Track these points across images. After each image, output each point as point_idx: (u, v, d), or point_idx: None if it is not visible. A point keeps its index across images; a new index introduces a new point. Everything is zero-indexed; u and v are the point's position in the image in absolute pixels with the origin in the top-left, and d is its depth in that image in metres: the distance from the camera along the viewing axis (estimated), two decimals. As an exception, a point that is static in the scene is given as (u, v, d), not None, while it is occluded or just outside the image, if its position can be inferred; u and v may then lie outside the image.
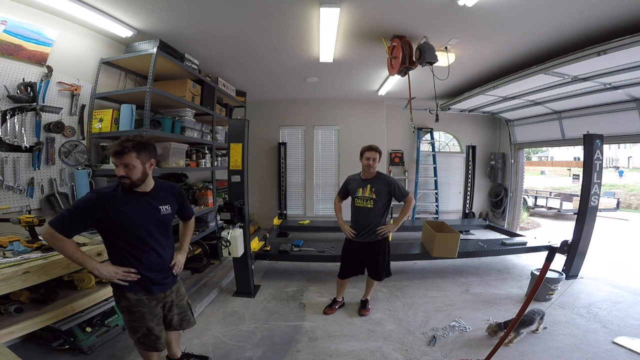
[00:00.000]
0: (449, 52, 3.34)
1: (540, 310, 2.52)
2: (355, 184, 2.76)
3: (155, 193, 1.70)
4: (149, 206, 1.65)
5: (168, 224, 1.77)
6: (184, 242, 2.00)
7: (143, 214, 1.62)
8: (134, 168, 1.55)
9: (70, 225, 1.50)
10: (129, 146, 1.52)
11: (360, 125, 6.26)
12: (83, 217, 1.52)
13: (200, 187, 4.14)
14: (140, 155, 1.56)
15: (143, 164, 1.58)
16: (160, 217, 1.69)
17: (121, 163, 1.53)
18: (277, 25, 2.92)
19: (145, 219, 1.63)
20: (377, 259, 2.78)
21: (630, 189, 14.15)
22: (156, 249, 1.68)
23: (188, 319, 1.93)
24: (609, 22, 2.64)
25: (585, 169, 3.68)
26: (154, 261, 1.68)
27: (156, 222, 1.68)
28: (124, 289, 1.62)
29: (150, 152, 1.62)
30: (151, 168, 1.64)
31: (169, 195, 1.77)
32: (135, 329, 1.67)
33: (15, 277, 1.66)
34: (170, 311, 1.83)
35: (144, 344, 1.70)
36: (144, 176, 1.61)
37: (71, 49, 2.70)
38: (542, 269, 1.81)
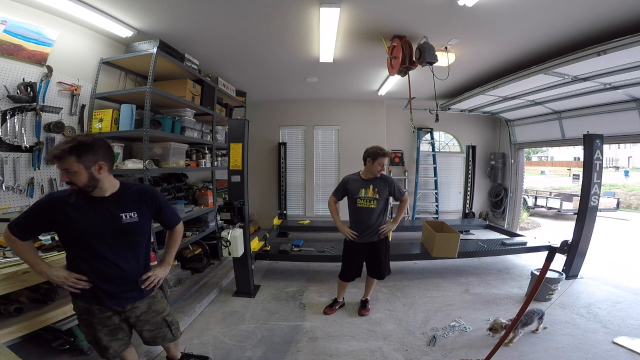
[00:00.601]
0: (449, 52, 3.34)
1: (539, 310, 2.52)
2: (357, 185, 2.72)
3: (117, 198, 1.51)
4: (106, 213, 1.47)
5: (135, 234, 1.56)
6: (167, 254, 1.79)
7: (97, 222, 1.45)
8: (75, 173, 1.37)
9: (24, 228, 1.44)
10: (66, 149, 1.34)
11: (360, 125, 6.26)
12: (34, 221, 1.44)
13: (200, 187, 4.14)
14: (82, 159, 1.36)
15: (87, 169, 1.38)
16: (122, 225, 1.50)
17: (61, 168, 1.38)
18: (277, 25, 2.92)
19: (100, 228, 1.46)
20: (380, 258, 2.80)
21: (630, 189, 14.15)
22: (114, 261, 1.50)
23: (163, 336, 1.77)
24: (609, 22, 2.64)
25: (585, 169, 3.68)
26: (111, 273, 1.50)
27: (116, 231, 1.49)
28: (74, 296, 1.53)
29: (96, 154, 1.40)
30: (101, 172, 1.43)
31: (136, 201, 1.57)
32: (85, 334, 1.62)
33: (15, 277, 1.66)
34: (137, 326, 1.68)
35: (93, 348, 1.65)
36: (92, 181, 1.41)
37: (71, 49, 2.70)
38: (542, 269, 1.81)
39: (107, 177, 1.47)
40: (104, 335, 1.58)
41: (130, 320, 1.64)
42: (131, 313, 1.62)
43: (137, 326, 1.68)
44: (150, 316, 1.69)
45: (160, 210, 1.68)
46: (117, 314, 1.60)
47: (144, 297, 1.65)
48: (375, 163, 2.63)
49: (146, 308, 1.66)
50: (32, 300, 2.01)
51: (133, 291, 1.60)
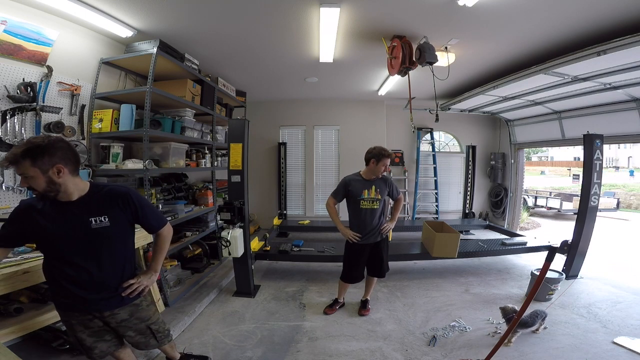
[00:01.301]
0: (449, 52, 3.34)
1: (542, 312, 2.52)
2: (359, 185, 2.69)
3: (85, 202, 1.43)
4: (73, 218, 1.40)
5: (108, 238, 1.48)
6: (153, 261, 1.70)
7: (65, 227, 1.38)
8: (32, 178, 1.29)
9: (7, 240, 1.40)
10: (18, 154, 1.26)
11: (360, 125, 6.26)
12: (8, 230, 1.39)
13: (200, 187, 4.14)
14: (37, 163, 1.27)
15: (44, 173, 1.29)
16: (91, 230, 1.41)
17: (18, 173, 1.31)
18: (277, 25, 2.92)
19: (68, 233, 1.39)
20: (382, 257, 2.82)
21: (630, 189, 14.16)
22: (84, 267, 1.43)
23: (146, 343, 1.71)
24: (609, 22, 2.64)
25: (585, 169, 3.68)
26: (82, 279, 1.44)
27: (85, 236, 1.41)
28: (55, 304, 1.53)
29: (52, 157, 1.30)
30: (61, 175, 1.33)
31: (107, 204, 1.47)
32: (69, 334, 1.59)
33: (15, 277, 1.66)
34: (119, 331, 1.62)
35: (78, 349, 1.64)
36: (52, 186, 1.33)
37: (71, 49, 2.70)
38: (542, 269, 1.81)
39: (70, 180, 1.38)
40: (87, 337, 1.55)
41: (111, 325, 1.59)
42: (110, 319, 1.56)
43: (119, 331, 1.62)
44: (132, 323, 1.62)
45: (137, 213, 1.56)
46: (97, 318, 1.55)
47: (124, 304, 1.57)
48: (379, 164, 2.62)
49: (127, 315, 1.60)
50: (32, 300, 2.01)
51: (111, 298, 1.53)
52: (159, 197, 3.30)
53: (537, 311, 2.51)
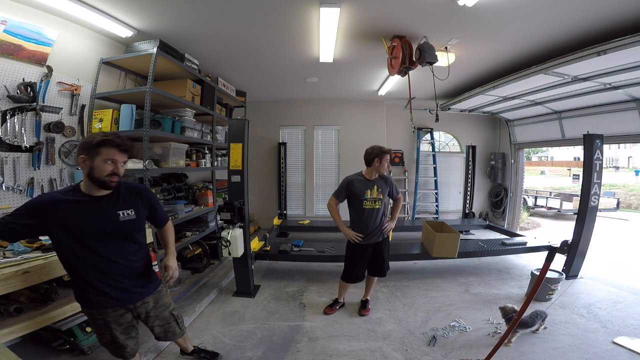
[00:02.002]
0: (449, 52, 3.34)
1: (542, 312, 2.52)
2: (362, 185, 2.69)
3: (111, 196, 1.50)
4: (103, 211, 1.45)
5: (133, 231, 1.55)
6: (170, 245, 1.84)
7: (95, 221, 1.42)
8: (123, 165, 1.46)
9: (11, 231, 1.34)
10: (129, 143, 1.45)
11: (360, 125, 6.26)
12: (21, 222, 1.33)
13: (200, 187, 4.14)
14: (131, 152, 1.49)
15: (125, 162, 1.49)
16: (119, 223, 1.48)
17: (121, 160, 1.44)
18: (277, 25, 2.92)
19: (98, 226, 1.43)
20: (384, 256, 2.83)
21: (630, 189, 14.15)
22: (115, 259, 1.49)
23: (173, 330, 1.81)
24: (609, 22, 2.64)
25: (585, 169, 3.68)
26: (114, 271, 1.50)
27: (115, 229, 1.47)
28: (84, 304, 1.53)
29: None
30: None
31: (133, 199, 1.57)
32: (100, 336, 1.60)
33: (15, 277, 1.66)
34: (148, 322, 1.70)
35: (110, 350, 1.64)
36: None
37: (71, 49, 2.70)
38: (542, 269, 1.81)
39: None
40: (120, 334, 1.58)
41: (141, 317, 1.66)
42: (142, 309, 1.64)
43: (149, 322, 1.70)
44: (158, 311, 1.72)
45: (152, 208, 1.69)
46: (129, 312, 1.61)
47: (151, 292, 1.67)
48: (382, 161, 2.65)
49: (154, 303, 1.69)
50: (32, 300, 2.01)
51: (141, 287, 1.62)
52: (159, 197, 3.30)
53: (537, 311, 2.51)
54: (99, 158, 1.39)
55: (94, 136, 1.42)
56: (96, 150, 1.39)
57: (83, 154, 1.40)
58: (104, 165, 1.40)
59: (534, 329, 2.49)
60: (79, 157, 1.41)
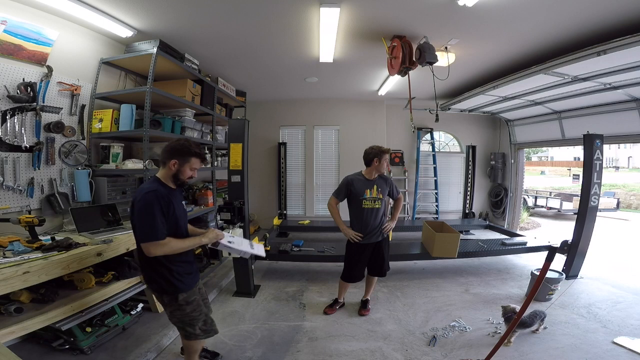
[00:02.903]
0: (449, 52, 3.34)
1: (542, 312, 2.52)
2: (361, 185, 2.70)
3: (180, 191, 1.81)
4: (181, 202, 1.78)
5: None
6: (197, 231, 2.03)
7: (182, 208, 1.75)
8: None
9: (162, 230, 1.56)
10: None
11: (360, 125, 6.26)
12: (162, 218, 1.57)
13: (200, 187, 4.14)
14: None
15: None
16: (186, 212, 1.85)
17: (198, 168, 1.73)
18: (277, 25, 2.92)
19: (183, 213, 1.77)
20: (384, 256, 2.83)
21: (630, 189, 14.14)
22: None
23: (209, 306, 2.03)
24: (609, 22, 2.64)
25: (585, 169, 3.68)
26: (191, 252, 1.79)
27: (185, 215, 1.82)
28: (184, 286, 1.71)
29: None
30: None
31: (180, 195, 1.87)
32: (196, 319, 1.76)
33: (15, 277, 1.66)
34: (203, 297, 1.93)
35: (207, 331, 1.81)
36: None
37: (71, 49, 2.70)
38: (542, 269, 1.81)
39: None
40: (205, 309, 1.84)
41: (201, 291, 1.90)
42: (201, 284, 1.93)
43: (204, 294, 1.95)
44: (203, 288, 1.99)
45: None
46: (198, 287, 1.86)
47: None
48: (382, 160, 2.67)
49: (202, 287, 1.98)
50: (32, 300, 2.01)
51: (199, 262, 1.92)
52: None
53: (536, 311, 2.51)
54: (188, 165, 1.68)
55: (188, 146, 1.67)
56: (188, 158, 1.67)
57: (176, 159, 1.65)
58: (189, 171, 1.69)
59: (533, 328, 2.49)
60: (171, 161, 1.65)
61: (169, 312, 1.76)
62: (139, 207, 1.55)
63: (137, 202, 1.57)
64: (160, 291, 1.72)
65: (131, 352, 2.18)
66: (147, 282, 1.80)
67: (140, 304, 2.63)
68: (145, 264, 1.66)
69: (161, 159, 1.70)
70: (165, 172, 1.69)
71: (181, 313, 1.73)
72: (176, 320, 1.77)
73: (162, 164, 1.70)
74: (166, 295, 1.70)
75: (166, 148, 1.70)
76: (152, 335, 2.40)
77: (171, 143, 1.71)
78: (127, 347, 2.24)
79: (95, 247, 2.13)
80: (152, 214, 1.53)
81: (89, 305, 2.18)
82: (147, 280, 1.76)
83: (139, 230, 1.56)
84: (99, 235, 2.37)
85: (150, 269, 1.67)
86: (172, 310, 1.73)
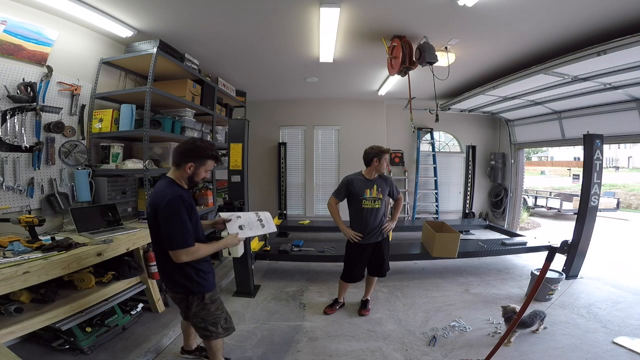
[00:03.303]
0: (449, 52, 3.34)
1: (542, 312, 2.52)
2: (361, 185, 2.70)
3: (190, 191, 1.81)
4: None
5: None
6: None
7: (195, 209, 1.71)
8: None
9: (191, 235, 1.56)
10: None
11: (360, 125, 6.26)
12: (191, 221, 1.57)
13: (200, 187, 4.14)
14: None
15: None
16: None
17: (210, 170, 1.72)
18: (277, 25, 2.92)
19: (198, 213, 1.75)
20: (384, 256, 2.83)
21: (630, 189, 14.14)
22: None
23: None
24: (609, 22, 2.64)
25: (585, 169, 3.68)
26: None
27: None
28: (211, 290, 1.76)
29: None
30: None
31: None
32: (219, 317, 1.78)
33: (15, 277, 1.66)
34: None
35: (227, 329, 1.83)
36: None
37: (71, 49, 2.70)
38: (542, 269, 1.81)
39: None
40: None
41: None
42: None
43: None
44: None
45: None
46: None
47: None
48: (382, 160, 2.67)
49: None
50: (32, 300, 2.01)
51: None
52: (159, 197, 3.29)
53: (536, 311, 2.51)
54: (203, 168, 1.67)
55: (204, 148, 1.65)
56: (204, 161, 1.65)
57: (192, 162, 1.62)
58: (204, 173, 1.68)
59: (533, 328, 2.49)
60: (187, 164, 1.62)
61: (192, 313, 1.73)
62: (165, 213, 1.51)
63: (162, 208, 1.52)
64: (187, 293, 1.69)
65: (131, 352, 2.18)
66: (171, 288, 1.75)
67: (140, 304, 2.63)
68: (171, 268, 1.62)
69: (175, 160, 1.66)
70: (179, 174, 1.65)
71: (206, 312, 1.72)
72: (199, 320, 1.74)
73: (176, 166, 1.65)
74: (193, 297, 1.69)
75: (181, 149, 1.65)
76: (152, 335, 2.40)
77: (186, 144, 1.66)
78: (127, 347, 2.24)
79: (95, 247, 2.13)
80: (180, 221, 1.51)
81: (89, 305, 2.18)
82: (173, 285, 1.71)
83: (168, 238, 1.52)
84: (99, 235, 2.37)
85: (178, 272, 1.63)
86: (197, 311, 1.72)
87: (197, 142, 1.67)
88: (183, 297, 1.72)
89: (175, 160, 1.66)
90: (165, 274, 1.71)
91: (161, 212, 1.52)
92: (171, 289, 1.76)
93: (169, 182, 1.64)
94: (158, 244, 1.62)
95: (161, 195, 1.56)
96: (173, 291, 1.76)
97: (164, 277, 1.75)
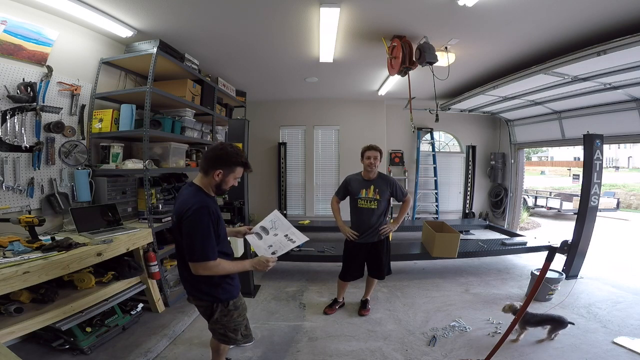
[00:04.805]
0: (449, 52, 3.34)
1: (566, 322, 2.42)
2: (357, 185, 2.72)
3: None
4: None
5: None
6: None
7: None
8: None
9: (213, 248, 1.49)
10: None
11: (360, 125, 6.25)
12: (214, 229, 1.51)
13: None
14: None
15: None
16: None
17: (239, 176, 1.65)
18: (277, 25, 2.92)
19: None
20: (381, 258, 2.80)
21: (630, 189, 14.14)
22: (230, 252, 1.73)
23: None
24: (609, 22, 2.64)
25: (585, 169, 3.68)
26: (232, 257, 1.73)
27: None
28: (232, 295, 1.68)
29: None
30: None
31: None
32: (240, 324, 1.73)
33: (15, 277, 1.66)
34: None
35: (247, 336, 1.78)
36: None
37: (71, 49, 2.70)
38: (542, 269, 1.81)
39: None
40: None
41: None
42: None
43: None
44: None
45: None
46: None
47: None
48: (363, 158, 2.68)
49: None
50: (32, 300, 2.01)
51: None
52: (159, 197, 3.29)
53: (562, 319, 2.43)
54: (232, 175, 1.59)
55: (234, 154, 1.57)
56: (233, 168, 1.58)
57: (221, 169, 1.55)
58: (233, 181, 1.61)
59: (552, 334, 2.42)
60: (215, 171, 1.54)
61: (213, 320, 1.66)
62: (190, 223, 1.45)
63: (187, 218, 1.45)
64: (213, 301, 1.62)
65: (131, 352, 2.18)
66: (195, 295, 1.66)
67: (140, 304, 2.64)
68: (198, 275, 1.52)
69: (202, 167, 1.59)
70: (207, 181, 1.58)
71: (228, 319, 1.66)
72: (219, 327, 1.68)
73: (204, 172, 1.57)
74: (218, 304, 1.63)
75: (210, 155, 1.57)
76: (152, 335, 2.40)
77: (215, 150, 1.58)
78: (127, 347, 2.24)
79: (95, 247, 2.13)
80: (204, 234, 1.45)
81: (89, 305, 2.18)
82: (197, 292, 1.64)
83: (189, 249, 1.47)
84: (99, 235, 2.37)
85: (204, 279, 1.56)
86: (219, 318, 1.65)
87: (227, 148, 1.58)
88: (207, 307, 1.65)
89: (202, 167, 1.59)
90: (189, 282, 1.63)
91: (185, 222, 1.46)
92: (195, 297, 1.67)
93: (196, 190, 1.57)
94: (182, 253, 1.56)
95: (187, 205, 1.48)
96: (197, 299, 1.67)
97: (188, 285, 1.67)
